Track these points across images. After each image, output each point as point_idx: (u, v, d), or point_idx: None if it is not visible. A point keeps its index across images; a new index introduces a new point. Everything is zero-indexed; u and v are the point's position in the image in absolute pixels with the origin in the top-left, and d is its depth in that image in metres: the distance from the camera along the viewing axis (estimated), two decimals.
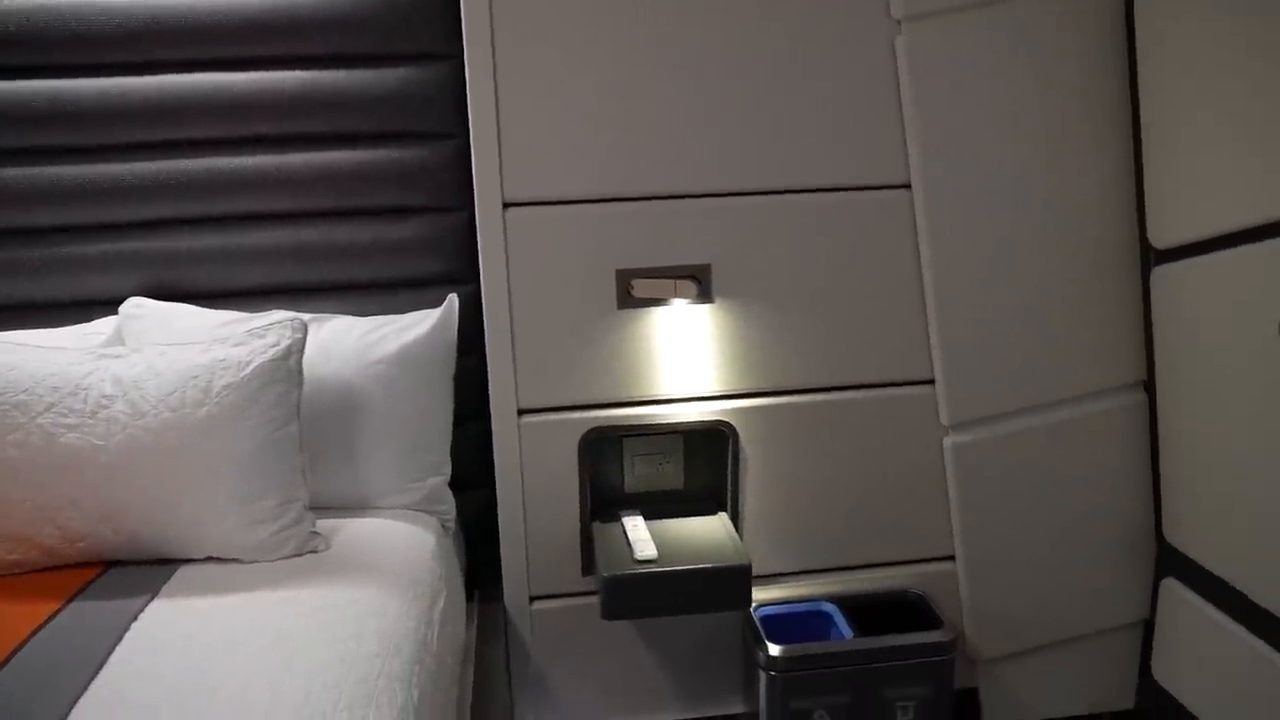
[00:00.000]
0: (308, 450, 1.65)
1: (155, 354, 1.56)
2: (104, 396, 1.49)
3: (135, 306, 1.82)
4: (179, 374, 1.52)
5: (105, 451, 1.47)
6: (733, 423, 1.87)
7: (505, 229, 1.75)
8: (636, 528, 1.83)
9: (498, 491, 1.85)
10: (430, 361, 1.79)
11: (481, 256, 1.77)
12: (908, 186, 1.81)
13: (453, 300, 1.86)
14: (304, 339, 1.61)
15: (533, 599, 1.91)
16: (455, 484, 1.87)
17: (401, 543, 1.64)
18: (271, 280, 1.89)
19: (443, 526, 1.80)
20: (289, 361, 1.58)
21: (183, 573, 1.50)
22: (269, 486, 1.54)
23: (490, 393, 1.81)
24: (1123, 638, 2.02)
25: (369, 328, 1.80)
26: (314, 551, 1.58)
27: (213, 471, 1.51)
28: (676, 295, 1.78)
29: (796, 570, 1.95)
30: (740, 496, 1.90)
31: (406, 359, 1.76)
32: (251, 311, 1.82)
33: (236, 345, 1.57)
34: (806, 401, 1.88)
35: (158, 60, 1.80)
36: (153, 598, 1.42)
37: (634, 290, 1.79)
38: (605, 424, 1.84)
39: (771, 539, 1.93)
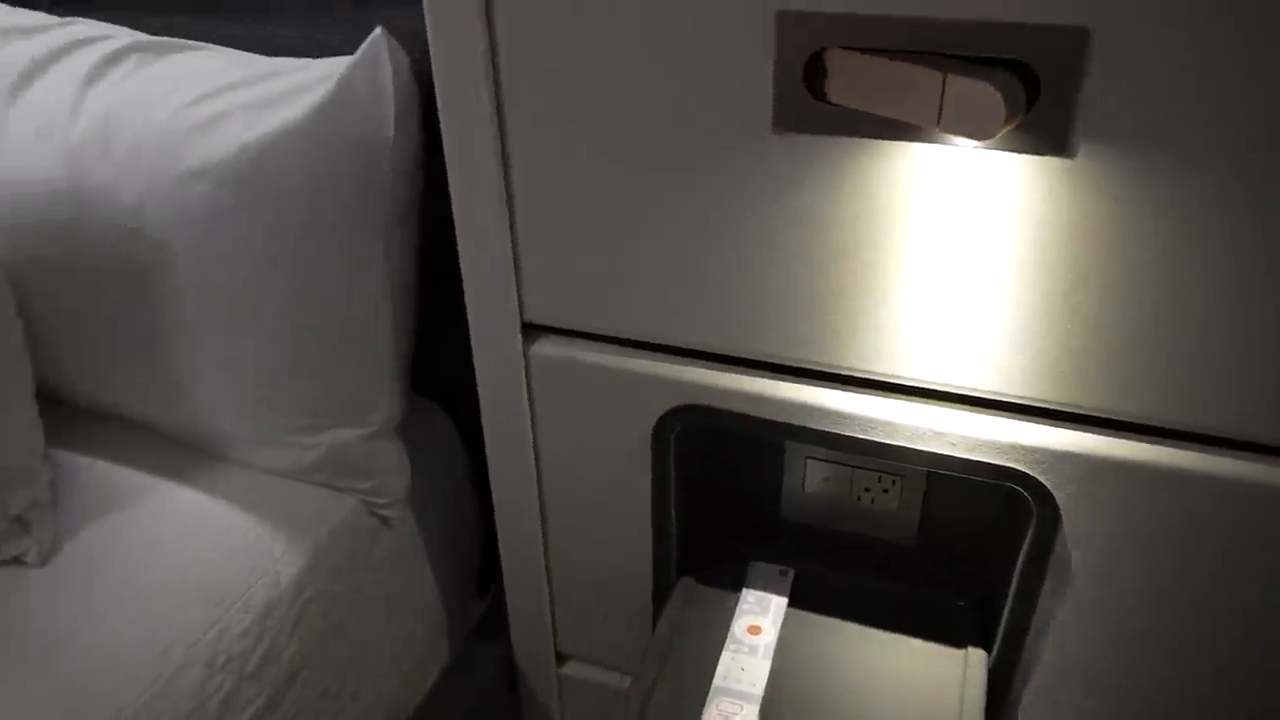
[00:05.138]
0: (74, 342, 0.79)
1: None
2: None
3: None
4: None
5: None
6: (1049, 479, 0.69)
7: None
8: (756, 638, 0.79)
9: (491, 483, 0.88)
10: (326, 180, 0.76)
11: None
12: None
13: (379, 42, 0.76)
14: None
15: (562, 658, 0.99)
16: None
17: (199, 589, 0.76)
18: None
19: (375, 517, 0.88)
20: None
21: None
22: None
23: (465, 287, 0.78)
24: None
25: (205, 89, 0.79)
26: (20, 560, 0.76)
27: None
28: (949, 125, 0.56)
29: None
30: (1036, 628, 0.77)
31: (265, 171, 0.75)
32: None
33: None
34: None
35: None
36: None
37: (831, 88, 0.61)
38: (706, 402, 0.75)
39: None
